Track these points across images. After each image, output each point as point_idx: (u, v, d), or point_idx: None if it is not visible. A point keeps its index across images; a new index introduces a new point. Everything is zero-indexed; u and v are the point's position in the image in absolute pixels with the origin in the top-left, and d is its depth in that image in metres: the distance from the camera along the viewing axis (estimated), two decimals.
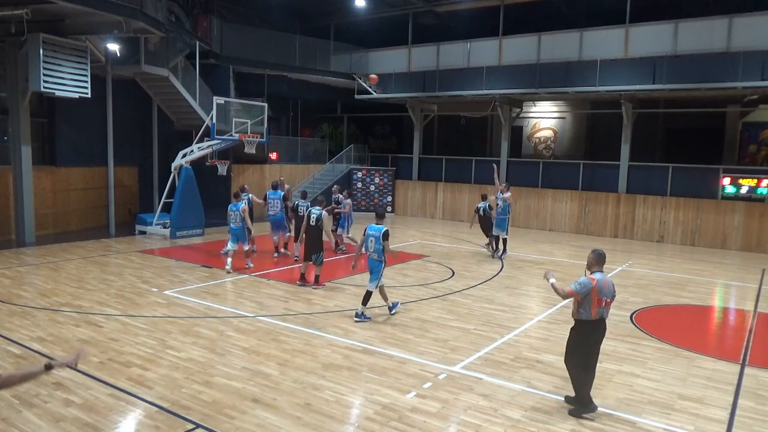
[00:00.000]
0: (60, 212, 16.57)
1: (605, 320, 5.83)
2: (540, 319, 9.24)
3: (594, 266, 5.87)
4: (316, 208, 10.71)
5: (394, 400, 5.97)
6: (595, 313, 5.68)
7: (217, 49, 19.38)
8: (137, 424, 5.37)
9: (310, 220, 10.61)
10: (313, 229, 10.63)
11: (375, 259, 8.84)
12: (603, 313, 5.75)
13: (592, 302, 5.64)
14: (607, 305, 5.75)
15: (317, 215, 10.54)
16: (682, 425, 5.62)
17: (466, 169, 22.80)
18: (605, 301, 5.70)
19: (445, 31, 23.13)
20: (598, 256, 5.91)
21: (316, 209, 10.67)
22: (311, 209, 10.75)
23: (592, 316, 5.68)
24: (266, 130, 17.60)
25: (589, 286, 5.65)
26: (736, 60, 15.90)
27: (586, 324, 5.75)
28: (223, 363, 6.88)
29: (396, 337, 8.01)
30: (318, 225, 10.56)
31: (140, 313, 8.86)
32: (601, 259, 5.90)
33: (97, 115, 16.81)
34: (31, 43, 12.96)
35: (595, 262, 5.89)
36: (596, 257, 5.91)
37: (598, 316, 5.70)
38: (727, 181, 17.47)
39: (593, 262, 5.89)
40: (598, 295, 5.64)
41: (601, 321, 5.78)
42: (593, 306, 5.65)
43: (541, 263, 13.97)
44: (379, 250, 8.73)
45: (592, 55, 18.33)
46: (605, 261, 5.95)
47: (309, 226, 10.66)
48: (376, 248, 8.76)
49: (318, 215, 10.54)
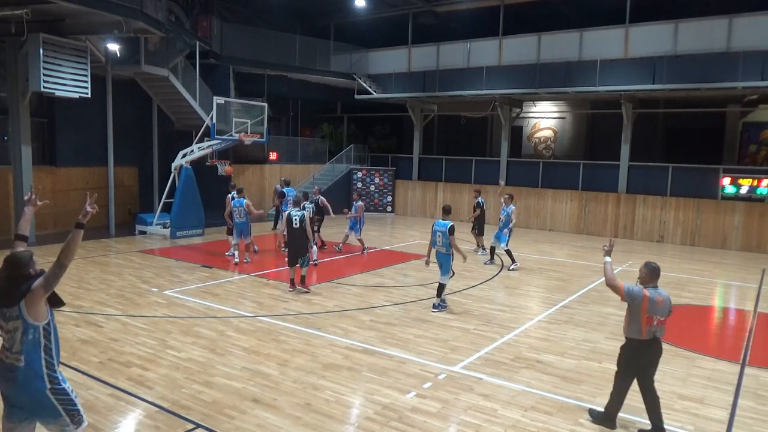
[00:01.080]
0: (60, 212, 16.56)
1: (660, 340, 5.29)
2: (540, 319, 9.24)
3: (648, 282, 5.25)
4: (297, 209, 10.34)
5: (394, 400, 5.97)
6: (646, 332, 5.16)
7: (217, 49, 19.38)
8: (137, 424, 5.37)
9: (293, 222, 10.17)
10: (297, 231, 10.20)
11: (443, 253, 9.37)
12: (656, 333, 5.21)
13: (641, 319, 5.13)
14: (660, 324, 5.21)
15: (299, 217, 10.18)
16: (682, 425, 5.62)
17: (466, 169, 22.80)
18: (657, 320, 5.16)
19: (445, 31, 23.14)
20: (651, 271, 5.27)
21: (296, 211, 10.29)
22: (291, 211, 10.35)
23: (642, 334, 5.17)
24: (266, 130, 17.62)
25: (638, 298, 5.11)
26: (736, 60, 15.91)
27: (635, 343, 5.26)
28: (223, 363, 6.88)
29: (396, 337, 8.01)
30: (302, 227, 10.18)
31: (140, 313, 8.86)
32: (655, 274, 5.28)
33: (97, 115, 16.82)
34: (31, 43, 12.96)
35: (648, 277, 5.26)
36: (650, 272, 5.27)
37: (649, 336, 5.18)
38: (727, 181, 17.46)
39: (647, 278, 5.27)
40: (648, 312, 5.10)
41: (654, 341, 5.24)
42: (642, 323, 5.13)
43: (541, 263, 13.97)
44: (446, 244, 9.29)
45: (592, 55, 18.33)
46: (659, 275, 5.34)
47: (292, 229, 10.21)
48: (444, 242, 9.32)
49: (300, 216, 10.18)
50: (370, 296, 10.32)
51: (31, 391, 3.77)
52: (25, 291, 3.72)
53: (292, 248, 10.34)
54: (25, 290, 3.72)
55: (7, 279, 3.77)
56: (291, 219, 10.20)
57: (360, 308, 9.49)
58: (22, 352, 3.74)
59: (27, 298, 3.72)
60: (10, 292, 3.73)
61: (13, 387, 3.77)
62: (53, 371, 3.84)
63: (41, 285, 3.75)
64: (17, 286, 3.73)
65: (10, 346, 3.76)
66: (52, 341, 3.86)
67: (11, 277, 3.76)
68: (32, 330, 3.75)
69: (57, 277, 3.77)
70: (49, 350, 3.83)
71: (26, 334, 3.73)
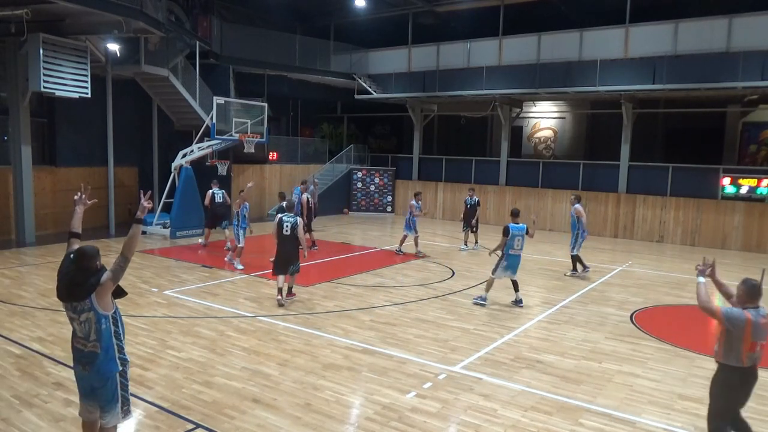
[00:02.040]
0: (60, 212, 16.56)
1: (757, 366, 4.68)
2: (540, 319, 9.23)
3: (747, 302, 4.59)
4: (288, 215, 9.50)
5: (394, 400, 5.97)
6: (746, 359, 4.54)
7: (217, 49, 19.37)
8: (137, 424, 5.37)
9: (284, 229, 9.31)
10: (288, 238, 9.34)
11: (519, 255, 9.79)
12: (756, 359, 4.59)
13: (743, 344, 4.49)
14: (763, 348, 4.59)
15: (292, 223, 9.32)
16: (682, 425, 5.62)
17: (466, 169, 22.80)
18: (760, 345, 4.53)
19: (445, 31, 23.14)
20: (750, 289, 4.58)
21: (288, 217, 9.44)
22: (282, 217, 9.46)
23: (743, 361, 4.54)
24: (266, 130, 17.61)
25: (740, 323, 4.48)
26: (736, 60, 15.91)
27: (734, 371, 4.60)
28: (223, 363, 6.88)
29: (396, 337, 8.01)
30: (294, 233, 9.33)
31: (140, 313, 8.86)
32: (756, 293, 4.58)
33: (97, 115, 16.81)
34: (31, 43, 12.96)
35: (747, 296, 4.60)
36: (748, 290, 4.59)
37: (750, 363, 4.57)
38: (727, 181, 17.47)
39: (745, 297, 4.60)
40: (752, 337, 4.48)
41: (754, 367, 4.63)
42: (744, 349, 4.49)
43: (541, 263, 13.97)
44: (523, 245, 9.69)
45: (592, 55, 18.33)
46: (761, 295, 4.63)
47: (283, 236, 9.36)
48: (521, 245, 9.69)
49: (293, 223, 9.32)
50: (370, 296, 10.32)
51: (105, 374, 4.13)
52: (95, 284, 4.03)
53: (282, 256, 9.42)
54: (95, 283, 4.03)
55: (77, 272, 4.05)
56: (282, 225, 9.37)
57: (360, 308, 9.49)
58: (99, 340, 4.09)
59: (97, 291, 4.03)
60: (81, 285, 4.02)
61: (91, 372, 4.12)
62: (123, 354, 4.25)
63: (109, 278, 4.07)
64: (86, 280, 4.03)
65: (86, 336, 4.11)
66: (120, 327, 4.24)
67: (81, 270, 4.05)
68: (104, 319, 4.10)
69: (122, 269, 4.11)
70: (119, 335, 4.21)
71: (99, 323, 4.07)
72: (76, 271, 4.05)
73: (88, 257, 4.10)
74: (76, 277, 4.03)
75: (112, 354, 4.14)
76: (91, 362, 4.11)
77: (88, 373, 4.14)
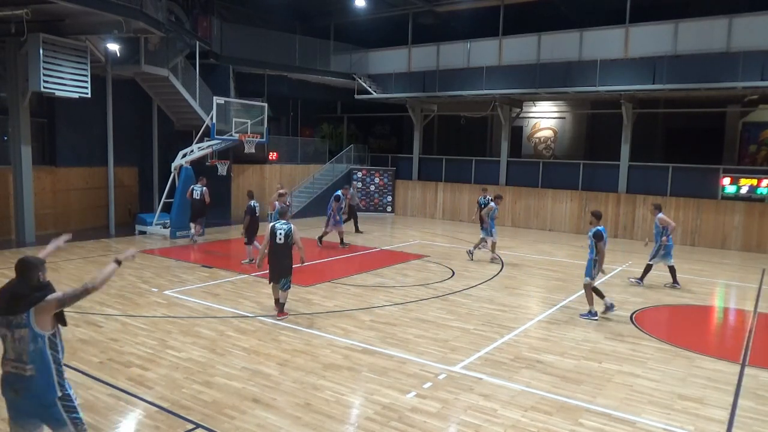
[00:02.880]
0: (60, 212, 16.56)
1: None
2: (540, 319, 9.23)
3: None
4: (282, 222, 8.83)
5: (394, 400, 5.97)
6: None
7: (217, 49, 19.37)
8: (137, 424, 5.37)
9: (277, 237, 8.70)
10: (281, 247, 8.74)
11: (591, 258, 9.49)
12: None
13: None
14: None
15: (285, 231, 8.71)
16: (682, 425, 5.62)
17: (466, 169, 22.80)
18: None
19: (445, 31, 23.13)
20: None
21: (282, 224, 8.80)
22: (275, 224, 8.84)
23: None
24: (266, 130, 17.61)
25: None
26: (735, 60, 15.90)
27: None
28: (223, 363, 6.88)
29: (396, 337, 8.01)
30: (288, 242, 8.74)
31: (140, 313, 8.86)
32: None
33: (97, 115, 16.81)
34: (31, 43, 12.96)
35: None
36: None
37: None
38: (727, 181, 17.47)
39: None
40: None
41: None
42: None
43: (541, 263, 13.96)
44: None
45: (592, 55, 18.32)
46: None
47: (276, 244, 8.72)
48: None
49: (287, 230, 8.72)
50: (370, 296, 10.32)
51: (43, 401, 3.75)
52: (39, 299, 3.69)
53: (275, 266, 8.86)
54: (39, 298, 3.69)
55: (19, 282, 3.76)
56: (275, 233, 8.76)
57: (360, 308, 9.49)
58: (30, 362, 3.70)
59: (38, 307, 3.69)
60: (24, 297, 3.69)
61: (25, 397, 3.74)
62: (62, 378, 3.85)
63: (57, 299, 3.75)
64: (30, 292, 3.71)
65: (17, 357, 3.72)
66: (59, 350, 3.86)
67: (23, 280, 3.75)
68: (40, 339, 3.71)
69: (77, 299, 3.83)
70: (57, 359, 3.82)
71: (35, 342, 3.70)
72: (19, 281, 3.75)
73: (30, 266, 3.78)
74: (19, 288, 3.71)
75: (48, 379, 3.74)
76: (25, 388, 3.71)
77: (22, 398, 3.74)
